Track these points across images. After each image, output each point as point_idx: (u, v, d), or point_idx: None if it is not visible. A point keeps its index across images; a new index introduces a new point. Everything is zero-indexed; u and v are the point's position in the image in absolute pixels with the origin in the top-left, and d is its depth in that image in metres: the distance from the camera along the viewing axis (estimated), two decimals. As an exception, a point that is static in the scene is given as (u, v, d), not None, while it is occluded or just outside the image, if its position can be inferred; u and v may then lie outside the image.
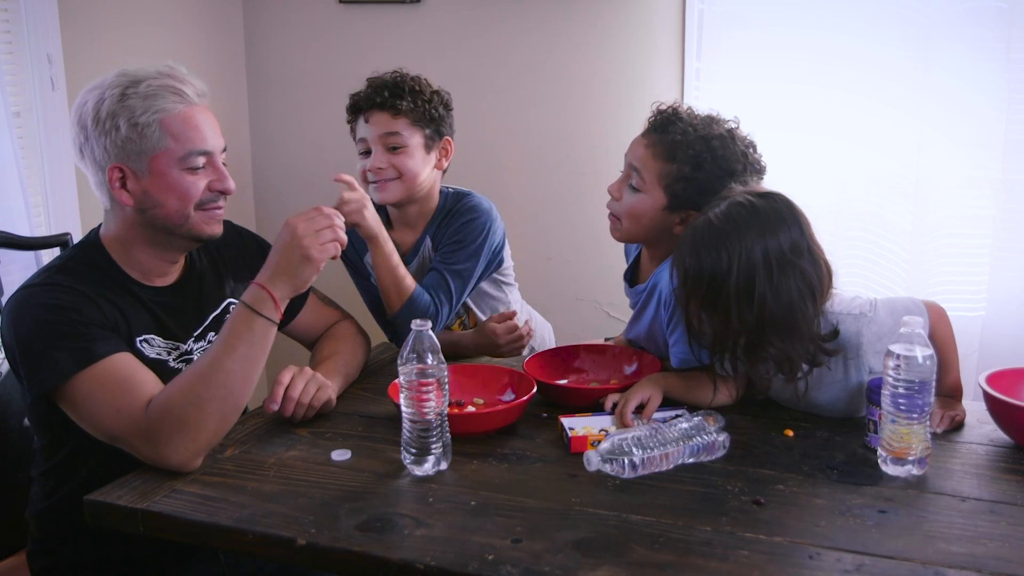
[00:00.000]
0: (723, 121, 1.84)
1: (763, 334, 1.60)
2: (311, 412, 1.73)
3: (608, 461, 1.47)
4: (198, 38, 3.19)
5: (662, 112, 1.86)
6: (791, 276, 1.60)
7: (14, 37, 2.54)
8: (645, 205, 1.84)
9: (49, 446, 1.68)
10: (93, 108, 1.59)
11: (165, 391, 1.53)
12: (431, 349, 1.50)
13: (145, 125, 1.58)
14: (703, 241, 1.62)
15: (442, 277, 2.11)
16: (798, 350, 1.61)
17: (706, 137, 1.79)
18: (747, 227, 1.60)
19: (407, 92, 2.10)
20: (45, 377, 1.53)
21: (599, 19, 2.96)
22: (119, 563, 1.67)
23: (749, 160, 1.81)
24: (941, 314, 1.71)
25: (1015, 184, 2.56)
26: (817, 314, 1.62)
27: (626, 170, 1.87)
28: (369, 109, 2.11)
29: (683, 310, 1.67)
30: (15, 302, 1.59)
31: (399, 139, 2.10)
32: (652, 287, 1.90)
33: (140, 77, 1.60)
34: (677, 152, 1.79)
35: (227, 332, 1.56)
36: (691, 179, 1.79)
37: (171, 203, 1.63)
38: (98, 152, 1.60)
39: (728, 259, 1.59)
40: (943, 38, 2.53)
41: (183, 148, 1.61)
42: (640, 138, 1.87)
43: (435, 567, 1.26)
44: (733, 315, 1.59)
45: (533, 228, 3.08)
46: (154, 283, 1.70)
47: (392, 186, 2.12)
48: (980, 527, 1.34)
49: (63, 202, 2.65)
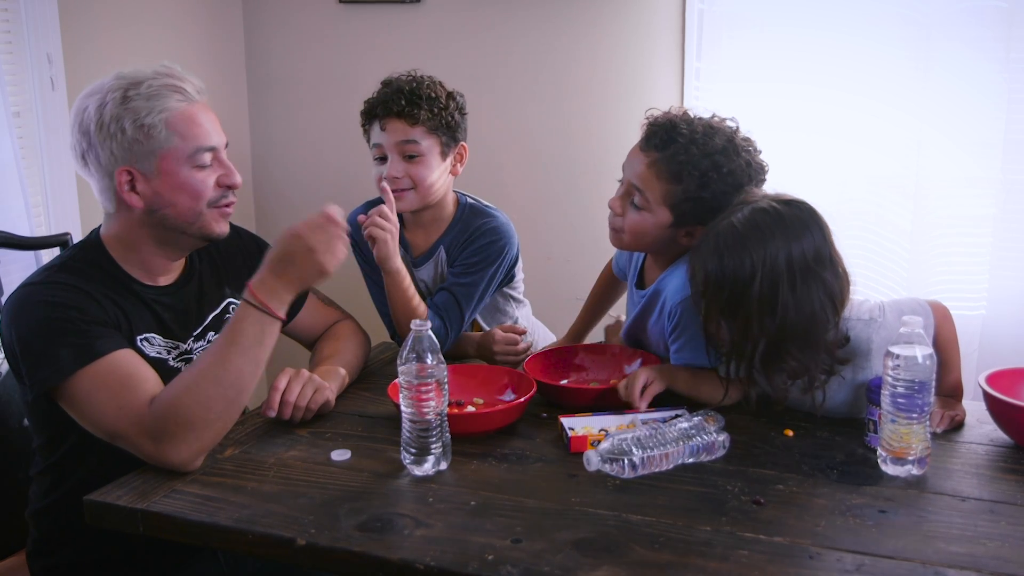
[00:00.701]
0: (722, 128, 1.79)
1: (783, 344, 1.58)
2: (309, 414, 1.73)
3: (608, 461, 1.47)
4: (198, 38, 3.19)
5: (659, 124, 1.81)
6: (814, 286, 1.58)
7: (14, 37, 2.54)
8: (648, 224, 1.80)
9: (48, 445, 1.68)
10: (96, 113, 1.58)
11: (170, 389, 1.53)
12: (431, 349, 1.50)
13: (151, 125, 1.58)
14: (726, 246, 1.60)
15: (453, 299, 2.10)
16: (817, 361, 1.60)
17: (710, 153, 1.75)
18: (771, 234, 1.58)
19: (424, 100, 2.07)
20: (46, 375, 1.52)
21: (599, 19, 2.96)
22: (119, 563, 1.67)
23: (752, 168, 1.78)
24: (946, 314, 1.71)
25: (1015, 184, 2.56)
26: (836, 325, 1.61)
27: (627, 187, 1.83)
28: (385, 116, 2.09)
29: (701, 314, 1.65)
30: (16, 300, 1.59)
31: (416, 147, 2.08)
32: (656, 292, 1.88)
33: (139, 78, 1.60)
34: (682, 173, 1.75)
35: (234, 331, 1.56)
36: (698, 199, 1.75)
37: (183, 202, 1.63)
38: (104, 157, 1.59)
39: (752, 265, 1.57)
40: (943, 38, 2.53)
41: (190, 145, 1.61)
42: (640, 154, 1.81)
43: (435, 567, 1.26)
44: (754, 322, 1.58)
45: (533, 228, 3.08)
46: (155, 282, 1.70)
47: (408, 196, 2.10)
48: (980, 527, 1.34)
49: (63, 202, 2.65)
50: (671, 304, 1.80)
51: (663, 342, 1.88)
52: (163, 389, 1.54)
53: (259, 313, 1.56)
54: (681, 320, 1.78)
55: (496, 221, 2.18)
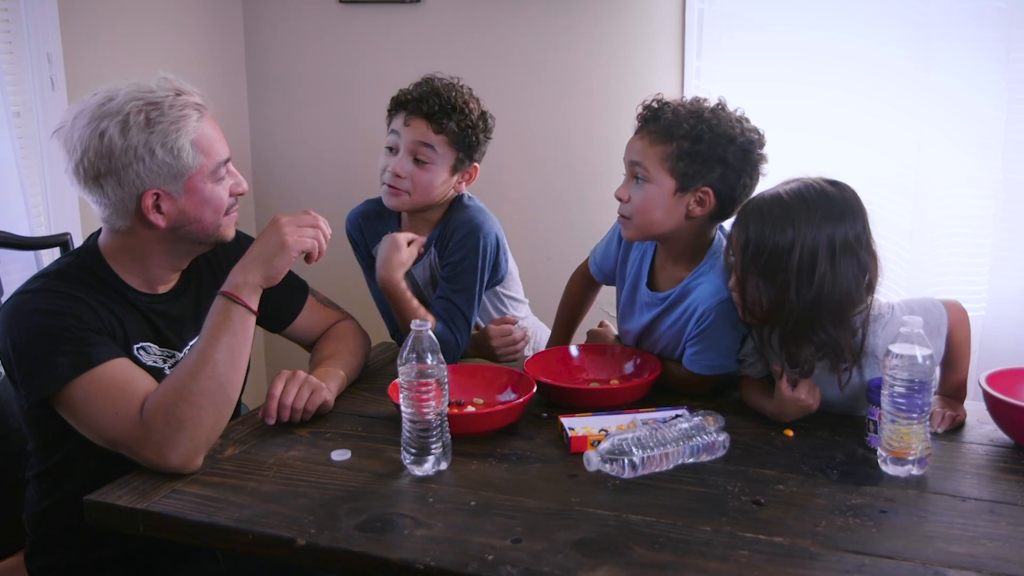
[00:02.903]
0: (707, 100, 1.86)
1: (817, 316, 1.61)
2: (307, 415, 1.73)
3: (608, 461, 1.47)
4: (198, 38, 3.19)
5: (647, 106, 1.87)
6: (851, 264, 1.62)
7: (14, 37, 2.54)
8: (655, 195, 1.81)
9: (44, 449, 1.67)
10: (120, 136, 1.55)
11: (156, 393, 1.53)
12: (431, 349, 1.50)
13: (180, 148, 1.58)
14: (771, 213, 1.64)
15: (452, 306, 2.10)
16: (845, 339, 1.63)
17: (697, 111, 1.81)
18: (815, 209, 1.62)
19: (456, 111, 2.05)
20: (43, 383, 1.52)
21: (599, 19, 2.96)
22: (117, 564, 1.67)
23: (745, 127, 1.81)
24: (962, 315, 1.72)
25: (1015, 184, 2.56)
26: (868, 307, 1.65)
27: (628, 169, 1.86)
28: (414, 113, 2.07)
29: (738, 277, 1.68)
30: (10, 308, 1.58)
31: (430, 154, 2.06)
32: (680, 296, 1.86)
33: (156, 98, 1.58)
34: (672, 130, 1.79)
35: (208, 325, 1.58)
36: (693, 152, 1.78)
37: (207, 217, 1.65)
38: (128, 179, 1.57)
39: (793, 235, 1.61)
40: (943, 38, 2.53)
41: (213, 162, 1.63)
42: (634, 136, 1.87)
43: (435, 567, 1.26)
44: (792, 289, 1.61)
45: (533, 228, 3.08)
46: (153, 291, 1.70)
47: (403, 197, 2.09)
48: (980, 527, 1.34)
49: (63, 202, 2.65)
50: (705, 307, 1.80)
51: (673, 343, 1.88)
52: (152, 394, 1.54)
53: (225, 301, 1.59)
54: (712, 324, 1.79)
55: (468, 213, 2.15)
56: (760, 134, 1.84)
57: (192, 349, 1.58)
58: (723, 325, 1.79)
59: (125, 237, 1.65)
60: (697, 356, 1.83)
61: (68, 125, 1.59)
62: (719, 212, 1.83)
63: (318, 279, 2.13)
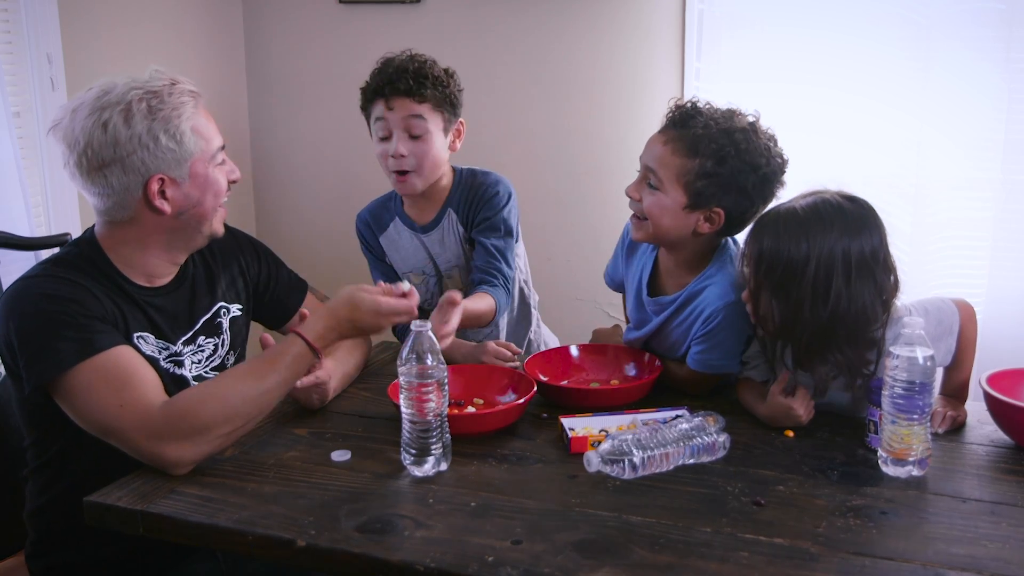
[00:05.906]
0: (744, 115, 1.80)
1: (832, 335, 1.60)
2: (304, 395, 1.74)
3: (608, 462, 1.47)
4: (198, 38, 3.19)
5: (681, 107, 1.81)
6: (867, 282, 1.60)
7: (14, 37, 2.54)
8: (664, 204, 1.78)
9: (39, 443, 1.67)
10: (124, 124, 1.57)
11: (193, 393, 1.55)
12: (431, 350, 1.50)
13: (182, 133, 1.61)
14: (786, 227, 1.62)
15: (489, 253, 2.13)
16: (862, 358, 1.62)
17: (729, 131, 1.74)
18: (831, 224, 1.60)
19: (429, 78, 2.09)
20: (45, 367, 1.52)
21: (599, 19, 2.96)
22: (117, 563, 1.67)
23: (772, 154, 1.77)
24: (971, 314, 1.72)
25: (1015, 184, 2.56)
26: (883, 325, 1.62)
27: (643, 171, 1.82)
28: (392, 95, 2.09)
29: (751, 291, 1.66)
30: (13, 292, 1.59)
31: (423, 125, 2.09)
32: (686, 300, 1.85)
33: (154, 87, 1.61)
34: (699, 146, 1.74)
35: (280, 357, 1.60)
36: (714, 174, 1.74)
37: (208, 200, 1.68)
38: (133, 166, 1.59)
39: (808, 250, 1.59)
40: (943, 38, 2.54)
41: (212, 146, 1.67)
42: (658, 135, 1.81)
43: (435, 568, 1.26)
44: (806, 306, 1.59)
45: (533, 228, 3.07)
46: (150, 283, 1.70)
47: (412, 179, 2.11)
48: (981, 528, 1.34)
49: (63, 202, 2.66)
50: (713, 308, 1.79)
51: (679, 343, 1.88)
52: (184, 393, 1.56)
53: (303, 345, 1.61)
54: (719, 324, 1.78)
55: (478, 174, 2.22)
56: (784, 159, 1.80)
57: (247, 369, 1.60)
58: (729, 326, 1.78)
59: (127, 228, 1.66)
60: (701, 355, 1.82)
61: (67, 119, 1.60)
62: (726, 229, 1.81)
63: (318, 279, 2.13)
